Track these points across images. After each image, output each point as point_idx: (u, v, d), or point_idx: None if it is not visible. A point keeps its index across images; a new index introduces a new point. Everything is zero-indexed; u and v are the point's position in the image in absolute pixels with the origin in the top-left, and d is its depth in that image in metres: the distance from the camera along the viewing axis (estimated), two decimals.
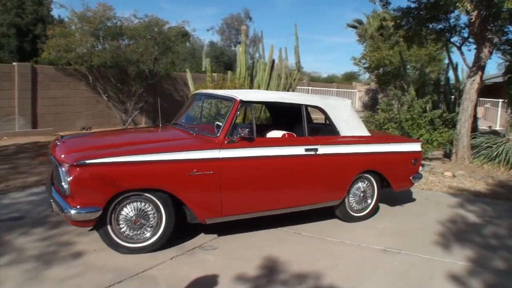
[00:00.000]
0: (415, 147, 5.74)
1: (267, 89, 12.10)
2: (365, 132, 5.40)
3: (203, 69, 12.03)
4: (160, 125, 5.55)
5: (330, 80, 41.61)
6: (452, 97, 11.79)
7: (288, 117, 5.54)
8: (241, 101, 4.52)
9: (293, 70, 14.97)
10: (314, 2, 73.60)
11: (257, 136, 5.01)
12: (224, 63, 33.55)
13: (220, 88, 11.10)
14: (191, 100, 5.44)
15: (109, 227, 3.97)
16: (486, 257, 4.36)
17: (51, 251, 4.06)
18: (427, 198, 6.61)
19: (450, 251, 4.47)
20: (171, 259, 4.03)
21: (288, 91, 14.29)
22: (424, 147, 8.10)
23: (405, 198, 6.50)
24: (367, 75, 23.03)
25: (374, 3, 11.77)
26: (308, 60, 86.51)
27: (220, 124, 4.47)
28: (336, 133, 5.12)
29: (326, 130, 5.25)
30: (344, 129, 5.17)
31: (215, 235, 4.64)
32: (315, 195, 4.86)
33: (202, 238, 4.56)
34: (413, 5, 11.78)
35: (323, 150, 4.80)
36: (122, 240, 4.03)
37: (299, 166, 4.68)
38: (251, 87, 11.98)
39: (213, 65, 25.56)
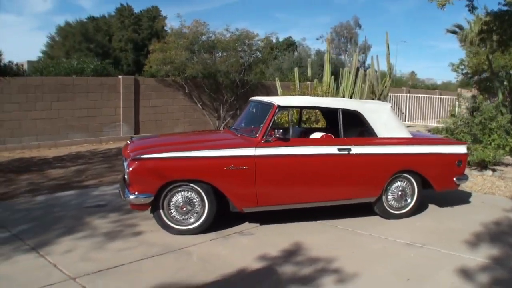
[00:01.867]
0: (460, 149, 5.80)
1: (351, 97, 12.43)
2: (405, 134, 5.63)
3: (309, 77, 12.64)
4: (222, 128, 6.35)
5: (444, 87, 39.60)
6: None
7: (335, 121, 5.98)
8: (279, 106, 5.12)
9: (385, 78, 15.07)
10: (427, 7, 70.48)
11: (303, 137, 5.58)
12: (330, 71, 34.11)
13: (303, 95, 11.70)
14: (246, 106, 6.14)
15: (161, 211, 4.80)
16: (510, 256, 4.37)
17: (117, 230, 5.00)
18: (483, 201, 6.52)
19: (475, 249, 4.55)
20: (210, 240, 4.74)
21: (379, 98, 14.43)
22: (493, 152, 7.85)
23: (459, 200, 6.50)
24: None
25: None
26: (423, 67, 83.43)
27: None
28: (374, 134, 5.44)
29: (367, 132, 5.58)
30: (382, 131, 5.47)
31: (257, 224, 5.25)
32: (349, 191, 5.23)
33: (244, 225, 5.20)
34: (504, 8, 11.30)
35: (356, 150, 5.17)
36: (172, 223, 4.84)
37: (331, 164, 5.11)
38: (334, 94, 12.39)
39: (319, 73, 26.08)
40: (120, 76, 12.25)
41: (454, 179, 5.73)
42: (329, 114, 5.96)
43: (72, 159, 9.65)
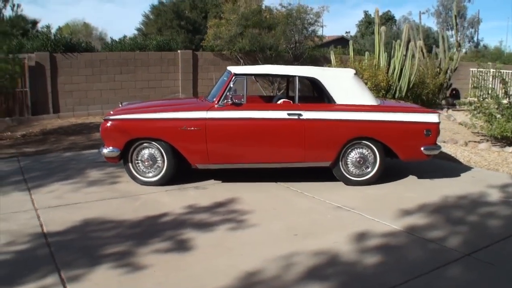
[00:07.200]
0: (429, 118, 5.64)
1: (401, 70, 12.12)
2: (369, 101, 5.67)
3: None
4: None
5: None
6: None
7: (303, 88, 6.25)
8: (235, 74, 5.56)
9: (451, 51, 14.30)
10: None
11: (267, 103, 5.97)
12: (429, 46, 32.28)
13: (348, 67, 11.72)
14: (221, 75, 6.63)
15: (130, 164, 5.59)
16: (434, 228, 4.25)
17: (101, 179, 5.90)
18: (474, 176, 6.23)
19: (402, 218, 4.52)
20: (165, 191, 5.43)
21: (446, 72, 13.75)
22: None
23: (449, 173, 6.30)
24: None
25: None
26: None
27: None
28: (332, 101, 5.60)
29: (326, 99, 5.73)
30: (342, 98, 5.59)
31: (219, 181, 5.81)
32: (300, 155, 5.48)
33: (206, 182, 5.78)
34: None
35: (308, 115, 5.41)
36: (139, 175, 5.61)
37: (280, 128, 5.42)
38: (384, 67, 12.15)
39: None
40: (179, 51, 13.29)
41: (422, 149, 5.63)
42: (289, 80, 6.24)
43: None
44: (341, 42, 29.19)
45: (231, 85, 5.51)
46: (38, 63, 11.12)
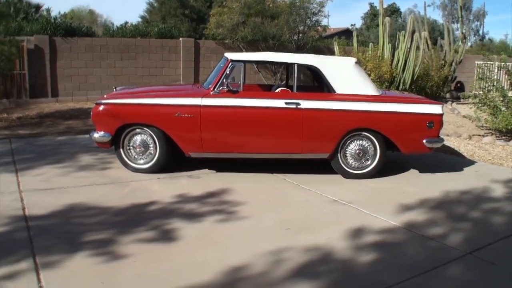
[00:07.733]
0: (433, 109, 5.41)
1: (405, 61, 11.88)
2: (370, 91, 5.45)
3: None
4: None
5: None
6: None
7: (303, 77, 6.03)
8: (232, 60, 5.35)
9: (456, 44, 14.03)
10: None
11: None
12: (434, 38, 31.92)
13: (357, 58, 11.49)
14: (218, 62, 6.42)
15: (121, 150, 5.41)
16: (434, 225, 4.03)
17: (92, 164, 5.73)
18: (478, 171, 6.02)
19: (401, 213, 4.32)
20: (157, 178, 5.24)
21: (451, 64, 13.51)
22: None
23: (452, 167, 6.09)
24: None
25: None
26: None
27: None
28: (332, 90, 5.38)
29: (326, 88, 5.51)
30: (342, 87, 5.37)
31: (214, 171, 5.61)
32: (297, 146, 5.28)
33: (200, 171, 5.59)
34: None
35: (306, 104, 5.20)
36: (130, 161, 5.43)
37: (277, 117, 5.21)
38: (387, 59, 11.90)
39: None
40: (180, 39, 13.06)
41: (424, 141, 5.41)
42: (289, 69, 6.04)
43: None
44: (346, 34, 28.82)
45: (228, 72, 5.29)
46: (37, 46, 10.94)
